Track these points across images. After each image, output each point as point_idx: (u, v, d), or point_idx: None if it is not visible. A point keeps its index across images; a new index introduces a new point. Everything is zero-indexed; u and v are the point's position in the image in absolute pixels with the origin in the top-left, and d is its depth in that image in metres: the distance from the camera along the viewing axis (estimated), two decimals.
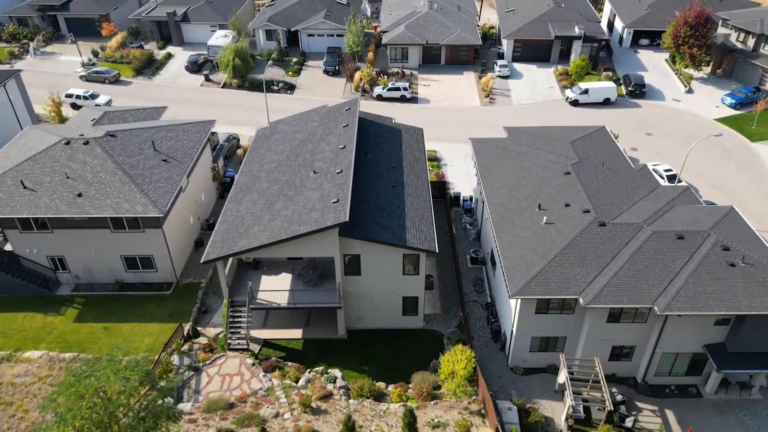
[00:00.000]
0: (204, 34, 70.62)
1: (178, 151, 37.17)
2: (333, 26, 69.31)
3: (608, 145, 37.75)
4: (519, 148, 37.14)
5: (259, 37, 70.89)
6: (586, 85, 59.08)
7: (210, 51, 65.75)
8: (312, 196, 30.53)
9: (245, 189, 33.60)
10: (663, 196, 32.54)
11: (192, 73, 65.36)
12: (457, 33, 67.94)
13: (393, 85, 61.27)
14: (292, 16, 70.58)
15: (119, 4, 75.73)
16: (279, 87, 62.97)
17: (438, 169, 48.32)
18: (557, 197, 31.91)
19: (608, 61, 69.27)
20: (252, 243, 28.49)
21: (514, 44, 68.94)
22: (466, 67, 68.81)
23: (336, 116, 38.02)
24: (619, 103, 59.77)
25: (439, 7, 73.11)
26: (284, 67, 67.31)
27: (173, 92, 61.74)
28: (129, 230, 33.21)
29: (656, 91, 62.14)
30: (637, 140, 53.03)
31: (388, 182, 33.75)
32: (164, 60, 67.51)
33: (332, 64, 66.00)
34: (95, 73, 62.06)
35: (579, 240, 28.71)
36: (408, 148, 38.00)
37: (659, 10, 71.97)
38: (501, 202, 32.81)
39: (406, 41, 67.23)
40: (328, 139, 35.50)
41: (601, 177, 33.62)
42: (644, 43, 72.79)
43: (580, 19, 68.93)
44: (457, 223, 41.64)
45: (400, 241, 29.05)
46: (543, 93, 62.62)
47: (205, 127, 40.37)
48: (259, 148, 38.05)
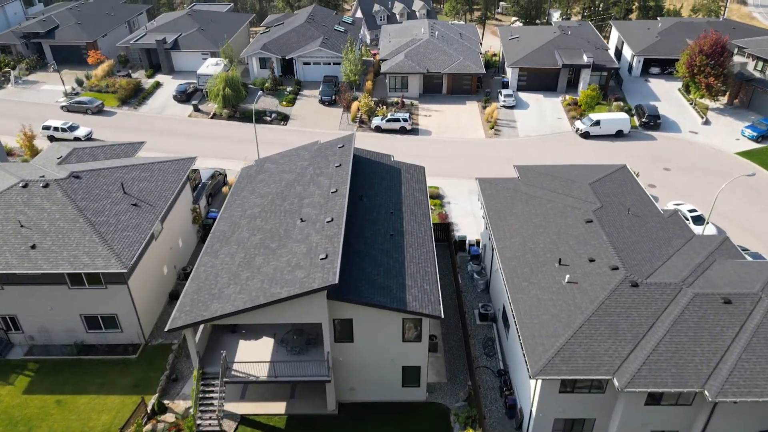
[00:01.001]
0: (195, 62, 67.60)
1: (151, 194, 33.23)
2: (330, 54, 66.30)
3: (631, 186, 33.82)
4: (532, 191, 33.19)
5: (253, 66, 67.85)
6: (597, 117, 55.56)
7: (200, 80, 62.53)
8: (298, 249, 26.45)
9: (223, 239, 29.55)
10: (700, 248, 28.44)
11: (180, 103, 62.03)
12: (460, 61, 64.86)
13: (392, 115, 57.82)
14: (287, 43, 67.67)
15: (108, 31, 72.97)
16: (272, 118, 59.53)
17: (441, 209, 44.37)
18: (579, 250, 27.81)
19: (618, 90, 66.01)
20: (225, 308, 24.29)
21: (519, 73, 65.78)
22: (468, 97, 65.53)
23: (328, 154, 34.21)
24: (632, 136, 56.17)
25: (440, 34, 70.27)
26: (278, 96, 64.02)
27: (159, 123, 58.25)
28: (89, 286, 29.04)
29: (671, 122, 58.62)
30: (655, 176, 49.19)
31: (385, 230, 29.71)
32: (152, 89, 64.27)
33: (328, 93, 62.72)
34: (77, 104, 58.67)
35: (608, 304, 24.51)
36: (408, 189, 34.07)
37: (670, 38, 69.10)
38: (515, 255, 28.68)
39: (406, 70, 64.09)
40: (319, 181, 31.60)
41: (628, 225, 29.57)
42: (655, 72, 69.68)
43: (588, 46, 65.93)
44: (463, 270, 37.46)
45: (399, 305, 24.86)
46: (551, 124, 59.10)
47: (185, 165, 36.52)
48: (242, 189, 34.13)
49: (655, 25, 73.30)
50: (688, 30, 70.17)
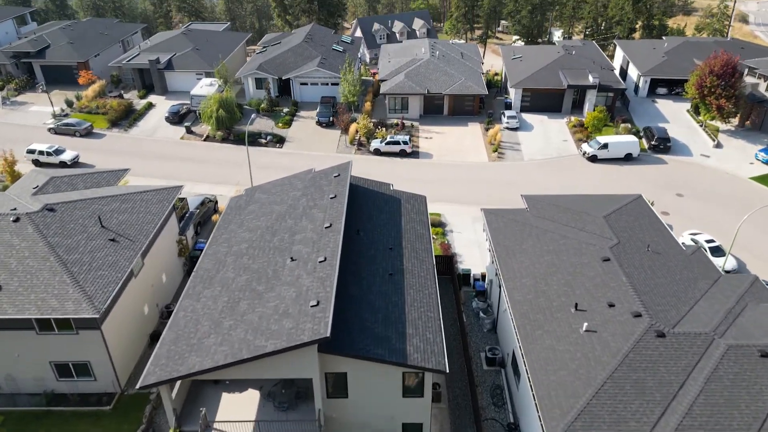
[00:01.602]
0: (189, 82, 65.74)
1: (131, 227, 30.82)
2: (327, 74, 64.45)
3: (649, 219, 31.41)
4: (543, 224, 30.77)
5: (248, 86, 65.98)
6: (605, 140, 53.40)
7: (193, 101, 60.55)
8: (286, 293, 23.93)
9: (206, 278, 27.05)
10: (728, 290, 25.93)
11: (173, 125, 59.98)
12: (461, 82, 62.97)
13: (392, 138, 55.69)
14: (284, 63, 65.87)
15: (101, 51, 71.28)
16: (267, 140, 57.41)
17: (443, 238, 41.93)
18: (597, 293, 25.29)
19: (625, 111, 64.04)
20: (204, 362, 21.71)
21: (523, 93, 63.87)
22: (471, 118, 63.51)
23: (323, 184, 31.88)
24: (641, 159, 53.95)
25: (441, 54, 68.54)
26: (274, 117, 62.01)
27: (150, 146, 56.09)
28: (59, 332, 26.47)
29: (681, 145, 56.46)
30: (667, 203, 46.84)
31: (384, 269, 27.23)
32: (144, 110, 62.26)
33: (326, 115, 60.70)
34: (65, 126, 56.56)
35: (633, 358, 21.93)
36: (409, 221, 31.67)
37: (677, 58, 67.35)
38: (526, 298, 26.15)
39: (407, 91, 62.16)
40: (312, 214, 29.21)
41: (648, 264, 27.09)
42: (662, 92, 67.78)
43: (593, 67, 64.09)
44: (468, 307, 34.90)
45: (399, 358, 22.28)
46: (557, 147, 56.93)
47: (170, 195, 34.17)
48: (229, 222, 31.72)
49: (661, 45, 71.65)
50: (695, 50, 68.47)
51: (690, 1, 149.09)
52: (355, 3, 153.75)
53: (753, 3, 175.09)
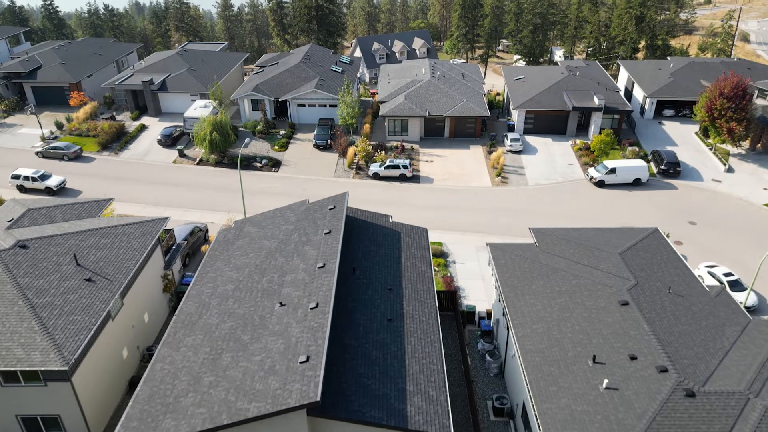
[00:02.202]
0: (183, 103, 64.13)
1: (110, 264, 28.62)
2: (325, 96, 62.81)
3: (667, 256, 29.20)
4: (553, 261, 28.57)
5: (244, 107, 64.32)
6: (613, 164, 51.42)
7: (186, 123, 58.79)
8: (273, 345, 21.65)
9: (188, 324, 24.77)
10: (759, 338, 23.63)
11: (166, 148, 58.13)
12: (463, 104, 61.28)
13: (391, 162, 53.75)
14: (281, 84, 64.29)
15: (94, 71, 69.77)
16: (262, 164, 55.48)
17: (445, 270, 39.68)
18: (616, 343, 22.99)
19: (631, 134, 62.25)
20: (180, 426, 19.34)
21: (526, 115, 62.12)
22: (473, 141, 61.69)
23: (317, 217, 29.76)
24: (651, 184, 51.92)
25: (442, 75, 67.04)
26: (270, 140, 60.19)
27: (140, 170, 54.12)
28: (26, 384, 24.11)
29: (691, 169, 54.49)
30: (680, 231, 44.65)
31: (382, 314, 24.97)
32: (136, 132, 60.47)
33: (323, 137, 58.87)
34: (53, 149, 54.69)
35: (661, 421, 19.58)
36: (409, 257, 29.48)
37: (683, 79, 65.80)
38: (538, 347, 23.84)
39: (407, 113, 60.44)
40: (304, 252, 27.03)
41: (671, 309, 24.82)
42: (669, 114, 66.07)
43: (598, 88, 62.47)
44: (473, 348, 32.52)
45: (399, 422, 19.90)
46: (562, 171, 54.95)
47: (154, 228, 32.04)
48: (216, 258, 29.53)
49: (667, 65, 70.18)
50: (702, 70, 66.99)
51: (691, 21, 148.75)
52: (355, 22, 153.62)
53: (753, 22, 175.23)
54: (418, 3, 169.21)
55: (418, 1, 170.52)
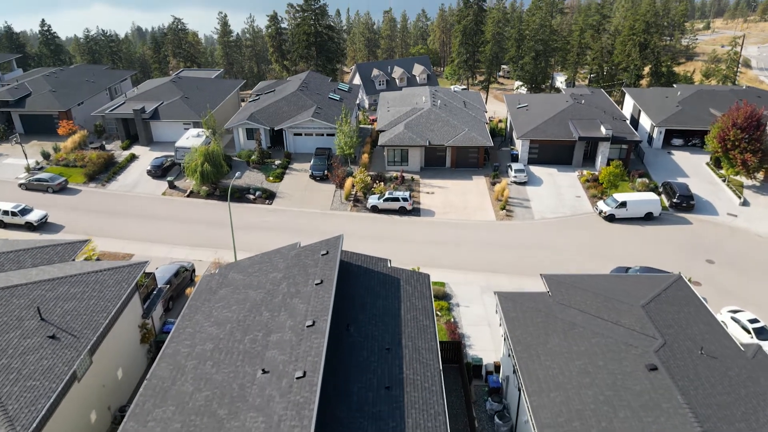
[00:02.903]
0: (176, 132, 62.04)
1: (79, 318, 25.85)
2: (323, 125, 60.75)
3: (695, 309, 26.47)
4: (570, 315, 25.80)
5: (239, 136, 62.22)
6: (623, 197, 48.94)
7: (177, 153, 56.57)
8: (253, 424, 18.78)
9: (159, 392, 21.89)
10: None
11: (155, 179, 55.79)
12: (465, 133, 59.17)
13: (390, 194, 51.31)
14: (276, 113, 62.30)
15: (85, 99, 67.93)
16: (255, 196, 53.05)
17: (448, 315, 36.82)
18: (646, 417, 20.10)
19: (640, 164, 59.99)
20: None
21: (530, 145, 59.94)
22: (475, 171, 59.38)
23: (308, 264, 27.10)
24: (663, 219, 49.37)
25: (443, 103, 65.11)
26: (265, 171, 57.90)
27: (127, 203, 51.64)
28: None
29: (705, 202, 51.99)
30: (698, 271, 41.93)
31: (379, 380, 22.14)
32: (125, 163, 58.20)
33: (320, 168, 56.57)
34: (37, 181, 52.33)
35: None
36: (410, 309, 26.73)
37: (691, 108, 63.86)
38: (556, 421, 20.91)
39: (406, 142, 58.28)
40: (293, 306, 24.30)
41: (705, 375, 21.99)
42: (678, 144, 63.94)
43: (605, 117, 60.42)
44: (480, 407, 29.50)
45: None
46: (570, 204, 52.45)
47: (131, 274, 29.35)
48: (197, 309, 26.78)
49: (674, 93, 68.35)
50: (711, 99, 65.14)
51: (692, 46, 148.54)
52: (355, 48, 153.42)
53: (753, 48, 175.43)
54: (418, 29, 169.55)
55: (418, 27, 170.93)
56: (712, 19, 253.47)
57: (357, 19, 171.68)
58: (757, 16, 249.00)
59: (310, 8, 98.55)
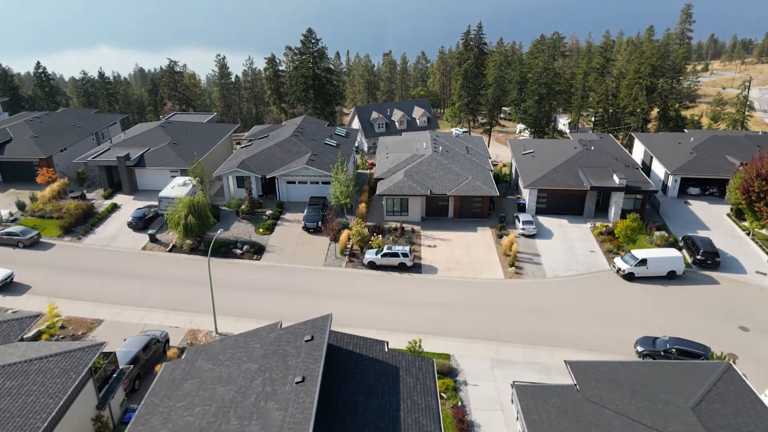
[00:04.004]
0: (162, 180, 58.53)
1: (12, 420, 21.39)
2: (317, 173, 57.32)
3: (753, 408, 21.96)
4: (604, 418, 21.34)
5: (229, 184, 58.69)
6: (643, 254, 44.86)
7: (161, 204, 52.84)
8: None
9: None
10: None
11: (137, 231, 51.92)
12: (468, 181, 55.63)
13: (389, 249, 47.24)
14: (269, 159, 58.96)
15: (69, 145, 64.81)
16: (243, 250, 49.04)
17: (454, 397, 32.13)
18: None
19: (656, 215, 56.20)
20: None
21: (539, 194, 56.29)
22: (480, 222, 55.53)
23: (289, 353, 22.81)
24: (687, 277, 45.16)
25: (444, 149, 61.93)
26: (255, 222, 54.06)
27: (103, 259, 47.55)
28: None
29: (730, 259, 47.89)
30: (731, 340, 37.46)
31: None
32: (105, 213, 54.42)
33: (314, 219, 52.74)
34: (6, 235, 48.39)
35: None
36: (411, 409, 22.26)
37: (707, 154, 60.60)
38: None
39: (406, 191, 54.68)
40: (267, 412, 19.89)
41: None
42: (694, 193, 60.34)
43: (616, 165, 57.02)
44: None
45: None
46: (583, 260, 48.33)
47: (82, 360, 25.02)
48: (154, 409, 22.31)
49: (687, 139, 65.26)
50: (726, 145, 61.98)
51: (694, 89, 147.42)
52: (354, 90, 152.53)
53: (754, 90, 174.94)
54: (417, 71, 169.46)
55: (418, 68, 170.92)
56: (709, 60, 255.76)
57: (357, 61, 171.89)
58: (754, 58, 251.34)
59: (308, 51, 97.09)
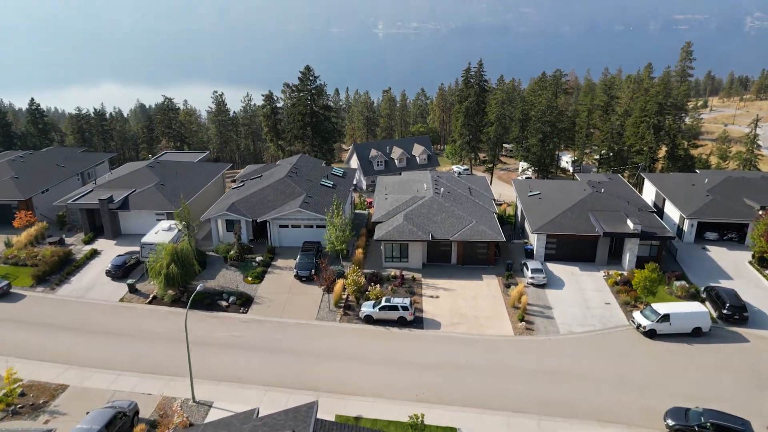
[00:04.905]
0: (148, 223, 55.27)
1: None
2: (312, 216, 53.99)
3: None
4: None
5: (217, 228, 55.28)
6: (664, 309, 41.07)
7: (143, 250, 49.33)
8: None
9: None
10: None
11: (116, 280, 48.19)
12: (472, 225, 52.26)
13: (388, 301, 43.42)
14: (261, 202, 55.73)
15: (52, 186, 61.69)
16: (229, 302, 45.23)
17: None
18: None
19: (673, 262, 52.58)
20: None
21: (547, 239, 52.80)
22: (485, 269, 51.84)
23: None
24: (714, 334, 41.22)
25: (446, 190, 58.85)
26: (244, 269, 50.37)
27: (76, 312, 43.65)
28: None
29: (757, 312, 44.11)
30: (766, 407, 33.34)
31: None
32: (84, 260, 50.79)
33: (307, 267, 49.06)
34: None
35: None
36: None
37: (723, 197, 57.49)
38: None
39: (406, 236, 51.24)
40: None
41: None
42: (712, 238, 56.88)
43: (629, 209, 53.75)
44: None
45: None
46: (599, 314, 44.44)
47: None
48: None
49: (700, 180, 62.26)
50: (742, 187, 58.97)
51: (697, 126, 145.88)
52: (354, 126, 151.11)
53: None
54: (417, 107, 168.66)
55: (418, 105, 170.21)
56: (707, 97, 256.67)
57: (356, 98, 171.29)
58: (752, 95, 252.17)
59: (306, 88, 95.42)
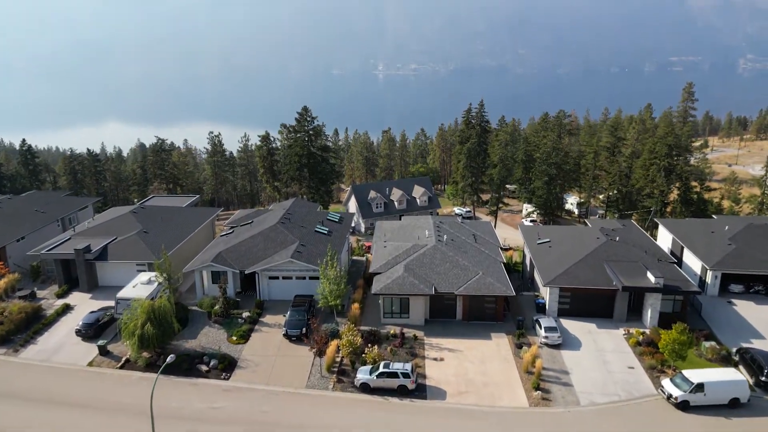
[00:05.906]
0: (127, 275, 50.92)
1: None
2: (304, 267, 49.86)
3: None
4: None
5: (203, 280, 51.03)
6: (698, 377, 36.50)
7: (118, 306, 44.97)
8: None
9: None
10: None
11: (87, 340, 43.67)
12: (479, 277, 48.13)
13: (387, 366, 38.83)
14: (250, 251, 51.69)
15: (28, 233, 57.80)
16: (210, 366, 40.61)
17: None
18: None
19: (698, 318, 48.18)
20: None
21: (560, 293, 48.51)
22: (493, 326, 47.34)
23: None
24: (753, 406, 36.50)
25: (449, 238, 54.92)
26: (228, 326, 45.90)
27: (38, 379, 38.98)
28: None
29: None
30: None
31: None
32: (54, 317, 46.40)
33: (297, 326, 44.59)
34: None
35: None
36: None
37: (747, 246, 53.53)
38: None
39: (407, 290, 47.02)
40: None
41: None
42: (737, 290, 52.57)
43: (648, 259, 49.69)
44: None
45: None
46: (622, 379, 39.76)
47: None
48: None
49: (720, 227, 58.36)
50: (766, 234, 54.93)
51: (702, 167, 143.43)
52: (353, 167, 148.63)
53: (758, 166, 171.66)
54: (417, 147, 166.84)
55: (418, 145, 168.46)
56: (707, 137, 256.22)
57: (356, 138, 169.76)
58: (752, 135, 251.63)
59: (303, 129, 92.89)
